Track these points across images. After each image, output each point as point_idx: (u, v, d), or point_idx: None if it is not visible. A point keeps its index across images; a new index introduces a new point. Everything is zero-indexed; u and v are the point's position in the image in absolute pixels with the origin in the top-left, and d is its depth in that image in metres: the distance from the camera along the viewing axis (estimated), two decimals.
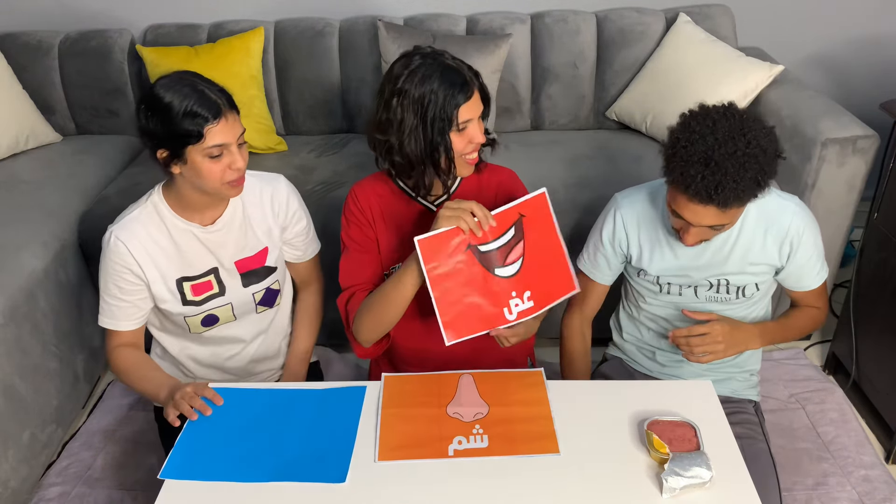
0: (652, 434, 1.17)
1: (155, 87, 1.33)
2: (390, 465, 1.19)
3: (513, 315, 1.31)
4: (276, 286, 1.60)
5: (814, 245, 1.46)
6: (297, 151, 2.51)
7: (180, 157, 1.34)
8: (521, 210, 1.32)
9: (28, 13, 2.70)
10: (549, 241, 1.35)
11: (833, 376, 2.25)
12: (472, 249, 1.29)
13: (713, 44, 2.42)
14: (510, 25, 2.52)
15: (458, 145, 1.36)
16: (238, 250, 1.52)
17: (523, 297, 1.32)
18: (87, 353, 2.14)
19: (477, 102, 1.35)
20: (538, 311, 1.33)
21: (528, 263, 1.32)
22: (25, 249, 1.95)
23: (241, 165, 1.37)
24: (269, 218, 1.55)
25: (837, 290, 2.52)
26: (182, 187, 1.42)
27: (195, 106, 1.29)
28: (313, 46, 2.54)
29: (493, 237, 1.30)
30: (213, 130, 1.31)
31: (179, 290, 1.48)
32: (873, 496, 1.81)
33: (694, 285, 1.50)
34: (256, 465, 1.19)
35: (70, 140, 2.62)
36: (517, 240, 1.31)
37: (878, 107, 2.44)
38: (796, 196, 1.48)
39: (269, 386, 1.38)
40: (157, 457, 1.95)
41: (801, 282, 1.51)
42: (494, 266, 1.30)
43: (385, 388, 1.35)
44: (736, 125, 1.24)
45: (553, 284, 1.35)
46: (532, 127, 2.67)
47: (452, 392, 1.33)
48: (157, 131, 1.32)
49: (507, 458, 1.19)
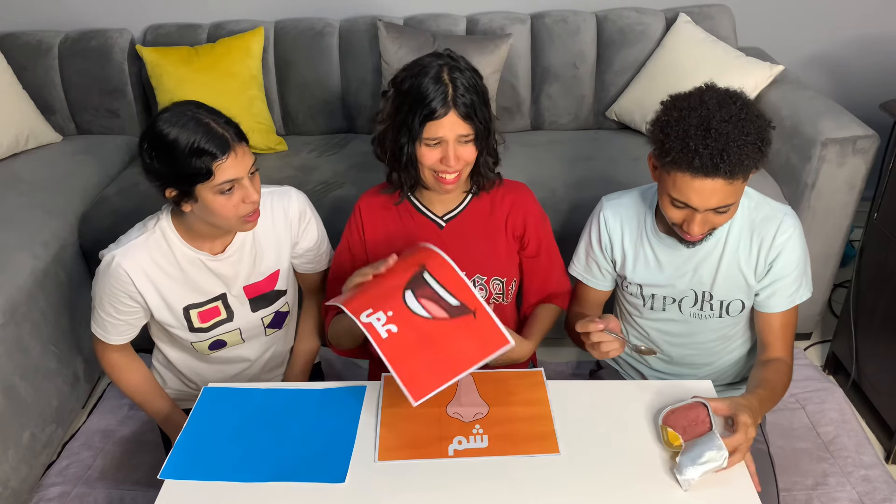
0: (667, 428, 1.17)
1: (157, 123, 1.25)
2: (390, 465, 1.19)
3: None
4: (284, 308, 1.57)
5: (795, 261, 1.37)
6: (297, 151, 2.51)
7: (190, 196, 1.28)
8: (420, 261, 1.25)
9: (28, 13, 2.70)
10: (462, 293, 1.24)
11: (833, 376, 2.25)
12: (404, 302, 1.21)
13: (713, 44, 2.42)
14: (510, 25, 2.52)
15: (427, 160, 1.35)
16: (247, 276, 1.48)
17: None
18: (87, 353, 2.14)
19: (454, 124, 1.31)
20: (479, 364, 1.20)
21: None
22: (25, 249, 1.95)
23: (255, 198, 1.31)
24: (282, 232, 1.49)
25: (837, 290, 2.52)
26: (193, 221, 1.36)
27: (202, 142, 1.22)
28: (313, 46, 2.55)
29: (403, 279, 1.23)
30: (223, 167, 1.24)
31: (186, 318, 1.45)
32: (873, 496, 1.81)
33: (678, 298, 1.46)
34: (256, 465, 1.19)
35: (70, 140, 2.62)
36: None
37: (878, 107, 2.44)
38: (790, 208, 1.40)
39: (269, 386, 1.37)
40: (157, 457, 1.94)
41: (770, 300, 1.40)
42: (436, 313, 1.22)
43: (385, 387, 1.35)
44: (722, 94, 1.22)
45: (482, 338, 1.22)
46: (532, 127, 2.67)
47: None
48: (163, 171, 1.26)
49: (507, 458, 1.19)
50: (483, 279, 1.49)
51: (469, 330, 1.20)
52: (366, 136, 2.63)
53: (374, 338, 1.16)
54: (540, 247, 1.53)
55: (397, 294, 1.21)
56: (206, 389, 1.36)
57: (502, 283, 1.51)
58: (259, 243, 1.47)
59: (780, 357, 1.40)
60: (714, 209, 1.24)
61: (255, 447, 1.22)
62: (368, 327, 1.17)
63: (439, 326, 1.19)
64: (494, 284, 1.50)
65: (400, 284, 1.23)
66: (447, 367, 1.15)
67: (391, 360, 1.14)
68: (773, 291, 1.39)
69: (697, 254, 1.40)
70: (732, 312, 1.45)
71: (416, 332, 1.18)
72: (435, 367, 1.15)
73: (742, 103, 1.21)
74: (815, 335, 2.41)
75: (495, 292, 1.51)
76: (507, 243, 1.51)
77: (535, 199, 1.54)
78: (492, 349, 1.18)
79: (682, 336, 1.52)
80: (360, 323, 1.17)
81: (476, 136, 1.36)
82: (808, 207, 2.10)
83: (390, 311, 1.19)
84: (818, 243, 2.15)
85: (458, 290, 1.23)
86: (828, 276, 2.24)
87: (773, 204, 1.39)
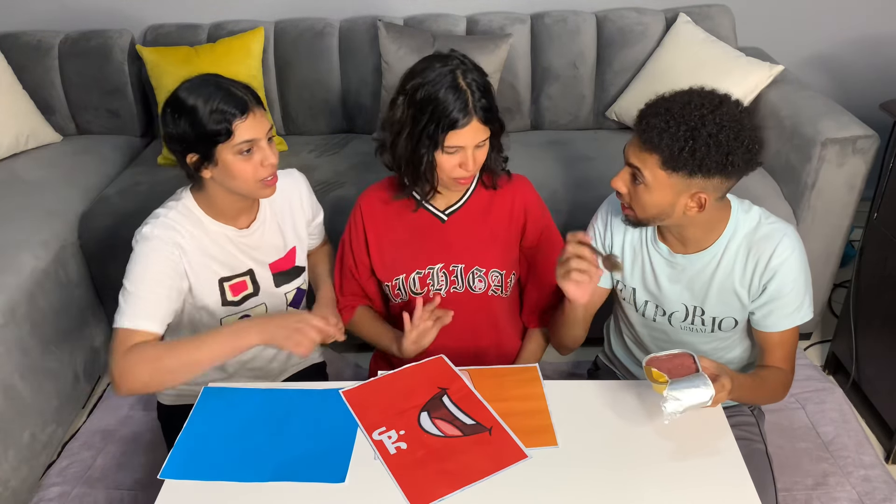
0: (651, 368, 1.17)
1: (179, 91, 1.31)
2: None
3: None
4: (304, 286, 1.61)
5: (793, 281, 1.31)
6: (297, 151, 2.51)
7: (210, 159, 1.31)
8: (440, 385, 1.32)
9: (28, 13, 2.70)
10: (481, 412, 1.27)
11: (833, 376, 2.25)
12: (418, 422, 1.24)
13: (713, 44, 2.42)
14: (510, 25, 2.52)
15: (446, 165, 1.36)
16: (270, 251, 1.51)
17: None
18: (87, 353, 2.15)
19: (476, 130, 1.32)
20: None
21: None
22: (25, 249, 1.95)
23: (273, 161, 1.34)
24: (298, 214, 1.55)
25: (837, 290, 2.52)
26: (214, 192, 1.38)
27: (221, 104, 1.28)
28: (313, 46, 2.55)
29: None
30: (242, 126, 1.29)
31: (221, 290, 1.46)
32: (873, 496, 1.80)
33: (669, 312, 1.43)
34: (256, 465, 1.19)
35: (70, 140, 2.62)
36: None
37: (878, 107, 2.44)
38: (792, 228, 1.34)
39: (269, 386, 1.38)
40: (157, 457, 1.94)
41: (766, 319, 1.35)
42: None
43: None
44: (707, 94, 1.23)
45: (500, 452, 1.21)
46: (532, 127, 2.67)
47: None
48: (186, 134, 1.30)
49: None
50: (482, 271, 1.50)
51: (482, 445, 1.20)
52: (366, 136, 2.63)
53: (381, 454, 1.18)
54: (540, 237, 1.54)
55: (413, 414, 1.26)
56: (207, 389, 1.36)
57: (501, 276, 1.52)
58: (277, 220, 1.52)
59: (778, 366, 1.37)
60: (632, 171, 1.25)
61: (256, 447, 1.22)
62: (378, 444, 1.20)
63: (450, 443, 1.20)
64: (493, 276, 1.51)
65: (417, 405, 1.27)
66: (454, 479, 1.14)
67: (396, 473, 1.15)
68: (770, 311, 1.34)
69: (691, 268, 1.37)
70: (725, 328, 1.42)
71: (425, 448, 1.19)
72: (441, 478, 1.14)
73: (722, 111, 1.19)
74: (815, 335, 2.41)
75: (494, 284, 1.52)
76: (506, 235, 1.52)
77: (535, 190, 1.55)
78: (506, 462, 1.16)
79: (676, 344, 1.48)
80: (371, 440, 1.20)
81: (492, 135, 1.38)
82: (808, 207, 2.10)
83: (402, 430, 1.23)
84: (818, 243, 2.15)
85: (475, 410, 1.26)
86: (828, 276, 2.24)
87: (776, 224, 1.33)
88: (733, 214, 1.34)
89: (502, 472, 1.16)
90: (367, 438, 1.21)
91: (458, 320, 1.48)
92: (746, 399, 1.33)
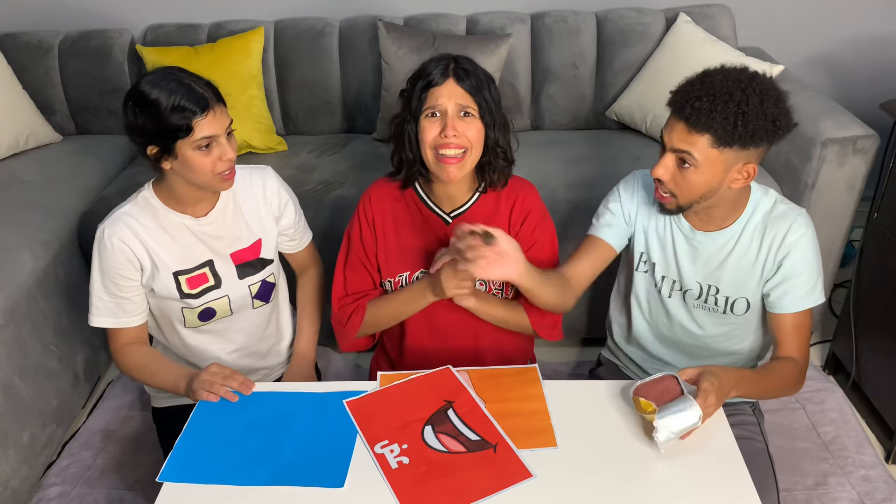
0: (639, 399, 1.19)
1: (140, 84, 1.34)
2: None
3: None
4: (271, 279, 1.61)
5: (807, 261, 1.37)
6: (297, 151, 2.51)
7: (170, 153, 1.35)
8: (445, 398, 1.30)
9: (28, 13, 2.70)
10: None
11: (833, 376, 2.25)
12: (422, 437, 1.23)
13: (713, 44, 2.42)
14: (510, 25, 2.52)
15: (428, 134, 1.36)
16: (232, 241, 1.53)
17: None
18: (87, 353, 2.15)
19: (453, 90, 1.34)
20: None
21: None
22: (25, 249, 1.95)
23: (231, 156, 1.39)
24: (262, 208, 1.56)
25: (837, 290, 2.52)
26: (174, 182, 1.43)
27: (182, 100, 1.31)
28: (313, 46, 2.54)
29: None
30: (202, 123, 1.33)
31: (176, 283, 1.48)
32: (873, 496, 1.81)
33: (685, 289, 1.47)
34: (255, 469, 1.18)
35: (70, 140, 2.62)
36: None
37: (878, 107, 2.44)
38: (805, 211, 1.40)
39: (268, 389, 1.37)
40: (157, 457, 1.94)
41: (782, 300, 1.39)
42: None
43: (382, 386, 1.35)
44: (741, 72, 1.29)
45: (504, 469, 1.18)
46: (532, 127, 2.67)
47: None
48: (146, 127, 1.33)
49: None
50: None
51: (487, 463, 1.17)
52: (366, 136, 2.63)
53: (383, 468, 1.17)
54: (533, 245, 1.51)
55: (416, 428, 1.24)
56: None
57: None
58: (241, 211, 1.54)
59: (791, 356, 1.39)
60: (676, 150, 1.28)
61: (254, 451, 1.22)
62: (380, 458, 1.19)
63: (454, 460, 1.19)
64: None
65: (422, 418, 1.26)
66: (455, 496, 1.11)
67: (397, 490, 1.13)
68: (785, 291, 1.38)
69: (711, 245, 1.41)
70: (737, 311, 1.45)
71: (428, 464, 1.18)
72: (442, 495, 1.12)
73: (758, 82, 1.25)
74: (815, 335, 2.41)
75: (495, 286, 1.52)
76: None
77: (540, 197, 1.54)
78: (510, 481, 1.14)
79: (684, 330, 1.52)
80: (373, 453, 1.19)
81: (480, 113, 1.36)
82: (808, 207, 2.10)
83: (405, 444, 1.21)
84: (818, 243, 2.15)
85: (481, 426, 1.25)
86: (828, 276, 2.24)
87: (791, 205, 1.41)
88: (753, 195, 1.40)
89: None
90: (368, 452, 1.20)
91: (459, 320, 1.48)
92: (753, 393, 1.33)
